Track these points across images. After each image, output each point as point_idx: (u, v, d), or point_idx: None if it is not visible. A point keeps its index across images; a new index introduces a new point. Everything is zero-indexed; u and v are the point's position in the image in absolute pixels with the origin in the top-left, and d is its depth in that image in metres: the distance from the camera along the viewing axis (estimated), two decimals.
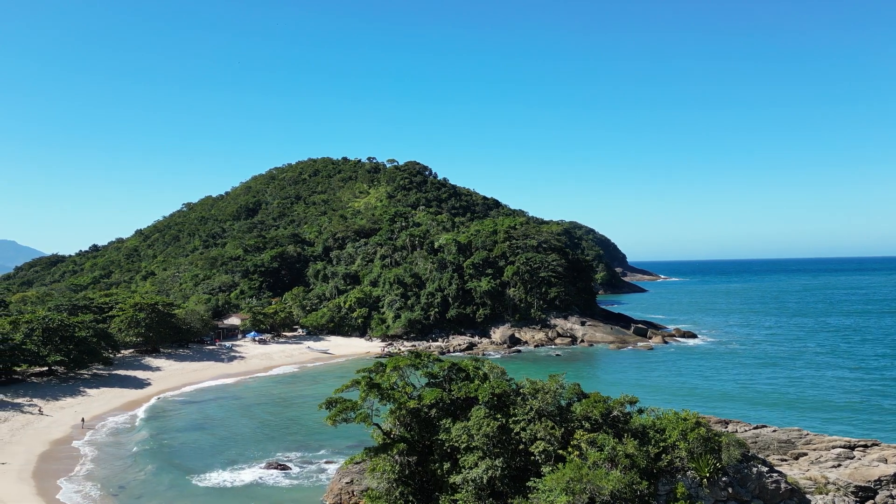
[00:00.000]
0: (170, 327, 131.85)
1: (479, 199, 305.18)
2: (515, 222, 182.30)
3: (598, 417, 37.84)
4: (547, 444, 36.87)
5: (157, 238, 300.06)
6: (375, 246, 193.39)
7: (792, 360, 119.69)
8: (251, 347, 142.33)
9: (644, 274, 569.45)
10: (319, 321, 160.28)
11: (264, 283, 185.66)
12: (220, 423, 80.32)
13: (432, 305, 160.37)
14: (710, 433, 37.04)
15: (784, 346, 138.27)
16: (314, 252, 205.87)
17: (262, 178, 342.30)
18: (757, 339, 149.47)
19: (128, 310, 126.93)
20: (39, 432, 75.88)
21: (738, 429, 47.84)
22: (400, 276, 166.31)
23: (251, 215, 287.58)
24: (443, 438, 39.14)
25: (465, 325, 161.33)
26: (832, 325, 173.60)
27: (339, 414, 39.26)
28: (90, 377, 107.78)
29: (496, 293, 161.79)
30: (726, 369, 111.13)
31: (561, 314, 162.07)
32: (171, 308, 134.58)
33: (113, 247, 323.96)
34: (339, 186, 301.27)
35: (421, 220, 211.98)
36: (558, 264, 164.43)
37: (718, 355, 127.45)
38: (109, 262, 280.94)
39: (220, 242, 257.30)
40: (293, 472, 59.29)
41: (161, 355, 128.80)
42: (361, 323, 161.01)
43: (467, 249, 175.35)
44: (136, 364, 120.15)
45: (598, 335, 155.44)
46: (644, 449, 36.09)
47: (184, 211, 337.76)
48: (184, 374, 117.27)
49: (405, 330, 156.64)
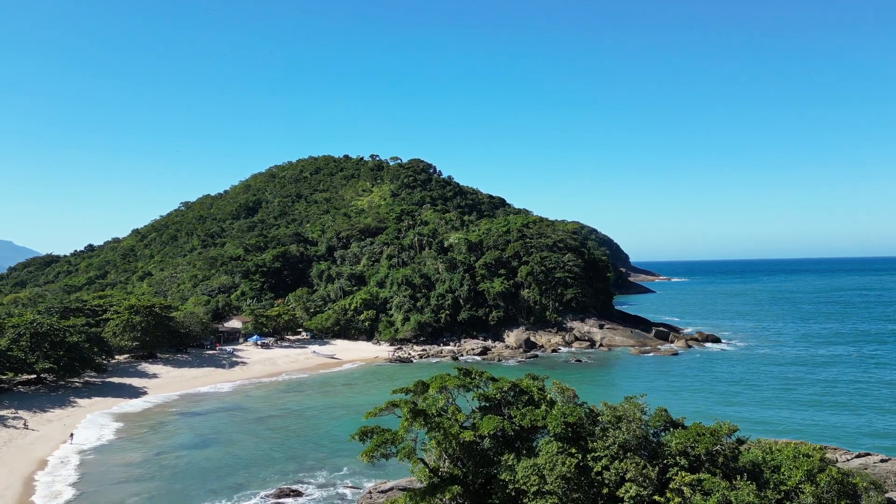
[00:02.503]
0: (167, 331, 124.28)
1: (485, 198, 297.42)
2: (529, 220, 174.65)
3: (702, 454, 30.52)
4: (639, 488, 29.58)
5: (155, 238, 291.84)
6: (382, 245, 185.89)
7: (831, 365, 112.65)
8: (253, 352, 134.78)
9: (647, 274, 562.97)
10: (324, 324, 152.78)
11: (266, 284, 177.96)
12: (224, 438, 72.85)
13: (443, 307, 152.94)
14: (840, 474, 29.74)
15: (817, 349, 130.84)
16: (317, 252, 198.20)
17: (262, 177, 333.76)
18: (785, 343, 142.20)
19: (123, 312, 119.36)
20: (23, 449, 68.41)
21: (838, 457, 40.58)
22: (408, 276, 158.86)
23: (251, 214, 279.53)
24: (505, 479, 31.78)
25: (477, 328, 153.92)
26: (860, 329, 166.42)
27: (378, 448, 31.71)
28: (81, 385, 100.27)
29: (510, 295, 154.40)
30: (765, 376, 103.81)
31: (578, 316, 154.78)
32: (169, 310, 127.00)
33: (109, 246, 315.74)
34: (342, 184, 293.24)
35: (429, 219, 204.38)
36: (574, 264, 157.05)
37: (750, 361, 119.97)
38: (105, 263, 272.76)
39: (218, 242, 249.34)
40: (309, 499, 52.03)
41: (158, 361, 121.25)
42: (368, 326, 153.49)
43: (478, 249, 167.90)
44: (131, 371, 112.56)
45: (618, 338, 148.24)
46: (763, 495, 28.78)
47: (182, 210, 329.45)
48: (182, 381, 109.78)
49: (415, 333, 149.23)
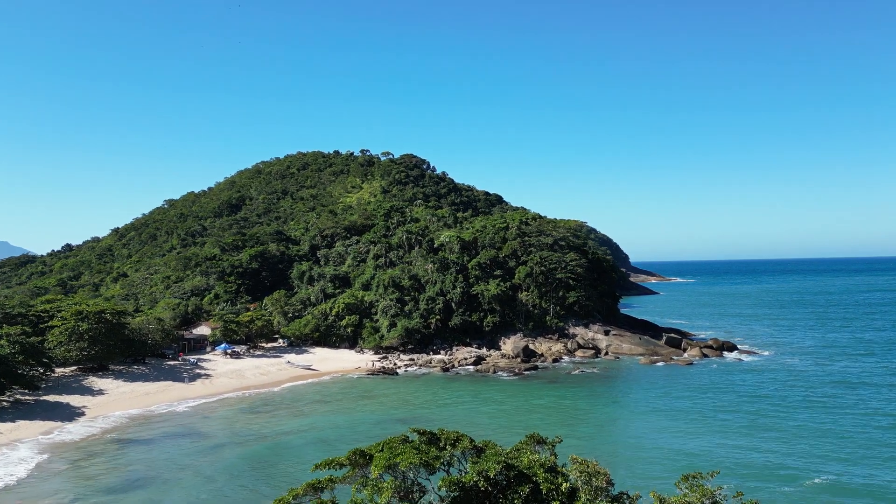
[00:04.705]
0: (121, 340, 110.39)
1: (481, 195, 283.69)
2: (527, 216, 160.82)
3: None
4: None
5: (133, 237, 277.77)
6: (368, 244, 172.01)
7: (877, 380, 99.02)
8: (220, 363, 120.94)
9: (648, 275, 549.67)
10: (303, 330, 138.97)
11: (242, 287, 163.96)
12: (161, 478, 58.72)
13: (433, 312, 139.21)
14: None
15: (852, 361, 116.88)
16: (300, 251, 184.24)
17: (248, 173, 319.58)
18: (811, 352, 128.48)
19: (68, 319, 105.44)
20: None
21: None
22: (396, 277, 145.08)
23: (234, 212, 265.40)
24: None
25: (470, 334, 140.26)
26: (889, 335, 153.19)
27: None
28: (10, 405, 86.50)
29: (506, 298, 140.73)
30: (800, 394, 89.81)
31: (581, 322, 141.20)
32: (123, 316, 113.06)
33: (88, 246, 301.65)
34: (330, 180, 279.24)
35: (419, 216, 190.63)
36: (578, 264, 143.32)
37: (777, 373, 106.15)
38: (80, 263, 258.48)
39: (199, 241, 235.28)
40: None
41: (109, 374, 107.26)
42: (352, 332, 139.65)
43: (472, 248, 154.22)
44: (74, 386, 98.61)
45: (625, 346, 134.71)
46: None
47: (164, 208, 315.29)
48: (132, 398, 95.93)
49: (402, 340, 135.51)
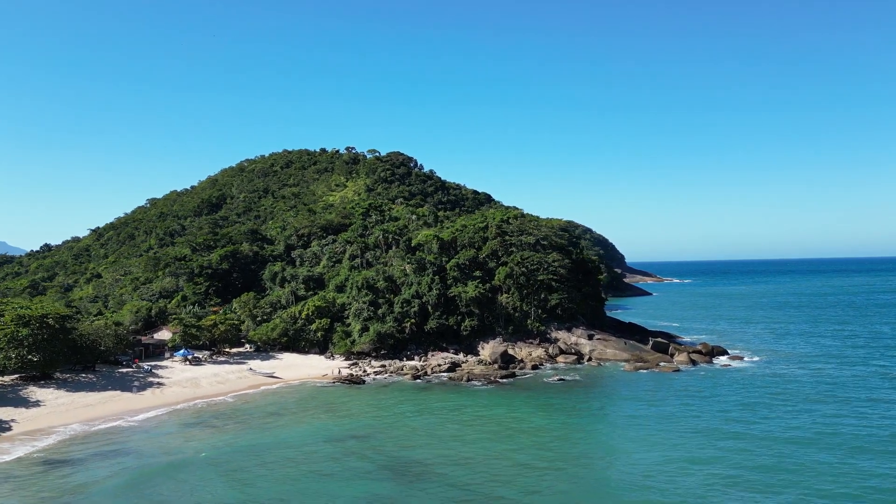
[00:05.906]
0: (67, 346, 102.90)
1: (469, 194, 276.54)
2: (509, 215, 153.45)
3: None
4: None
5: (112, 237, 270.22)
6: (344, 244, 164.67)
7: (863, 394, 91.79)
8: (177, 370, 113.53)
9: (643, 275, 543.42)
10: (270, 335, 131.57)
11: (211, 288, 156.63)
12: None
13: (408, 315, 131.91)
14: None
15: (847, 369, 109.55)
16: (274, 251, 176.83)
17: (231, 171, 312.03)
18: (802, 358, 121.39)
19: (8, 324, 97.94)
20: None
21: None
22: (370, 279, 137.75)
23: (214, 211, 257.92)
24: None
25: (447, 338, 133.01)
26: (886, 340, 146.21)
27: None
28: None
29: (485, 300, 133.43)
30: (799, 410, 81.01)
31: (563, 325, 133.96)
32: (69, 321, 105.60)
33: (66, 246, 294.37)
34: (314, 179, 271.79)
35: (399, 214, 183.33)
36: (560, 265, 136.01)
37: (770, 384, 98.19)
38: (55, 264, 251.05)
39: (178, 241, 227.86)
40: None
41: (52, 383, 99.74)
42: (322, 337, 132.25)
43: (451, 248, 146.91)
44: (9, 397, 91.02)
45: (610, 352, 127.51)
46: None
47: (145, 207, 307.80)
48: (70, 410, 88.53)
49: (374, 346, 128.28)
